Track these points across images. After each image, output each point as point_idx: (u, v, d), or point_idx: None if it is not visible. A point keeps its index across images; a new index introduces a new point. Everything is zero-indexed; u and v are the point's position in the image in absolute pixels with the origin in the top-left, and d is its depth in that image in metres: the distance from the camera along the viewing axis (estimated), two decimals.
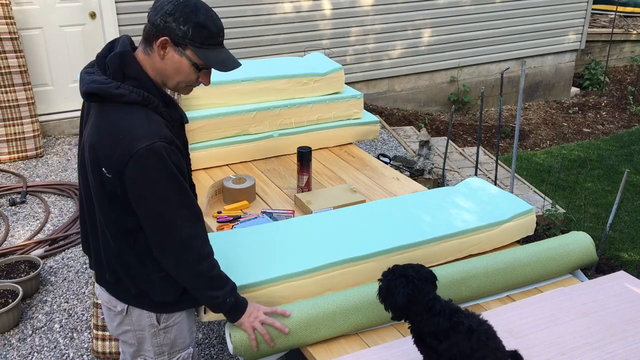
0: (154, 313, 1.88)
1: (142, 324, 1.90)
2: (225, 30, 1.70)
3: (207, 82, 1.78)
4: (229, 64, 1.75)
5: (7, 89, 4.72)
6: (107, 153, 1.64)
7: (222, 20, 6.11)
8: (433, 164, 5.08)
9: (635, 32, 9.10)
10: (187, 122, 1.84)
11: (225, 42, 5.01)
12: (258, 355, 1.97)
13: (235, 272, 2.14)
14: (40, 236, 3.88)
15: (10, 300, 3.12)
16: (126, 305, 1.88)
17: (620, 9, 9.44)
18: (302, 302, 2.09)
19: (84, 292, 3.43)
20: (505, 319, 2.11)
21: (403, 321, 1.80)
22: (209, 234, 2.34)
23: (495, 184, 4.71)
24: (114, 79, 1.67)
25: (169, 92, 3.07)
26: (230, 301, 1.84)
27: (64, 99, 5.35)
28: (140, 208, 1.69)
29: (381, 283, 1.81)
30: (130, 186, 1.65)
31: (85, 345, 3.05)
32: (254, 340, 1.91)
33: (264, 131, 3.38)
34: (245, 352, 1.94)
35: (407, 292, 1.74)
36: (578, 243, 2.48)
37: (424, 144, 4.95)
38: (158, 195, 1.66)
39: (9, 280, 3.27)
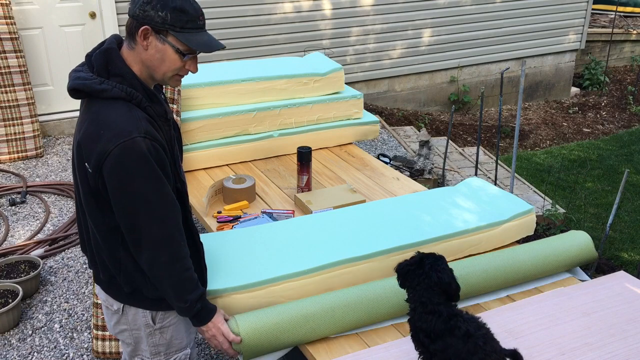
0: (149, 312, 1.88)
1: (138, 324, 1.90)
2: (225, 30, 1.69)
3: (195, 69, 1.77)
4: (212, 45, 1.73)
5: (7, 89, 4.72)
6: (89, 148, 1.65)
7: (222, 20, 6.06)
8: (433, 164, 5.08)
9: (635, 32, 9.10)
10: (170, 117, 1.81)
11: (225, 42, 5.03)
12: (257, 353, 1.97)
13: (236, 272, 2.14)
14: (40, 236, 3.88)
15: (10, 300, 3.12)
16: (122, 304, 1.88)
17: (620, 9, 9.44)
18: (301, 300, 2.10)
19: (84, 292, 3.43)
20: (505, 319, 2.11)
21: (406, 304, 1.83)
22: (210, 234, 2.36)
23: (495, 184, 4.71)
24: (99, 75, 1.69)
25: (170, 89, 3.07)
26: (197, 307, 1.82)
27: (64, 99, 5.35)
28: (116, 205, 1.68)
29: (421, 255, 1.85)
30: (108, 182, 1.65)
31: (85, 345, 3.05)
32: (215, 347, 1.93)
33: (264, 131, 3.38)
34: (244, 350, 1.94)
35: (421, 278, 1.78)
36: (575, 239, 2.49)
37: (424, 144, 4.95)
38: (133, 193, 1.65)
39: (9, 280, 3.26)
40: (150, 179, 1.66)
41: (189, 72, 1.78)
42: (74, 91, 1.69)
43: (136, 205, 1.67)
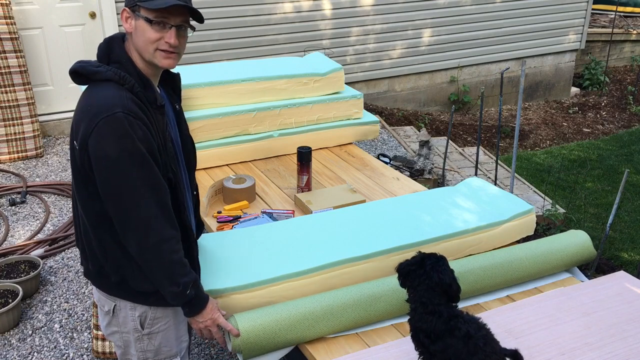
0: (138, 317, 1.88)
1: (128, 327, 1.91)
2: (225, 30, 1.70)
3: (173, 40, 1.74)
4: (169, 1, 1.73)
5: (7, 89, 4.72)
6: (77, 126, 1.70)
7: (222, 20, 6.06)
8: (433, 164, 5.08)
9: (635, 32, 9.10)
10: (160, 103, 1.80)
11: (225, 42, 5.03)
12: (256, 352, 1.98)
13: (236, 272, 2.14)
14: (40, 236, 3.88)
15: (10, 300, 3.12)
16: (113, 305, 1.89)
17: (620, 9, 9.44)
18: (300, 299, 2.10)
19: (84, 292, 3.43)
20: (505, 319, 2.11)
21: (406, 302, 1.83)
22: (210, 234, 2.36)
23: (495, 184, 4.71)
24: (100, 61, 1.77)
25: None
26: (191, 293, 1.79)
27: (64, 98, 5.35)
28: (101, 183, 1.69)
29: (423, 255, 1.84)
30: (93, 159, 1.67)
31: (85, 345, 3.05)
32: (203, 336, 1.92)
33: (264, 131, 3.38)
34: (244, 349, 1.94)
35: (424, 278, 1.77)
36: (574, 238, 2.49)
37: (424, 144, 4.95)
38: (117, 169, 1.66)
39: (9, 280, 3.27)
40: (133, 154, 1.66)
41: (170, 46, 1.75)
42: (74, 74, 1.76)
43: (120, 185, 1.68)
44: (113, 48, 1.77)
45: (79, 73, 1.74)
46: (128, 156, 1.66)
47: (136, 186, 1.68)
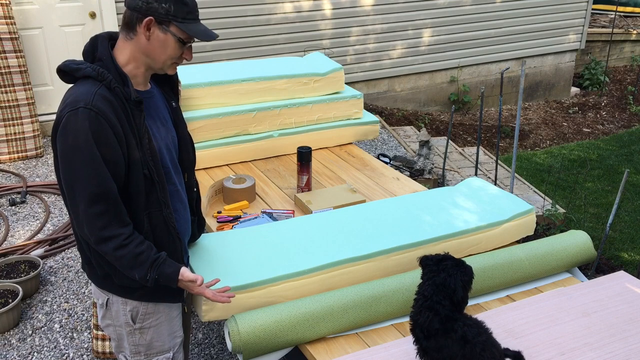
0: (129, 311, 1.90)
1: (120, 321, 1.93)
2: (225, 30, 1.73)
3: (191, 56, 1.85)
4: (210, 33, 1.83)
5: (7, 89, 4.72)
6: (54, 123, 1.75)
7: (222, 20, 6.05)
8: (433, 164, 5.08)
9: (635, 32, 9.10)
10: (136, 99, 1.78)
11: (225, 42, 5.08)
12: (257, 353, 1.98)
13: (236, 272, 2.14)
14: (40, 236, 3.88)
15: (10, 300, 3.12)
16: (106, 298, 1.91)
17: (620, 9, 9.44)
18: (300, 299, 2.09)
19: (84, 292, 3.43)
20: (505, 319, 2.11)
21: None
22: (210, 234, 2.36)
23: (495, 184, 4.71)
24: (85, 59, 1.80)
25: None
26: (152, 277, 1.78)
27: None
28: (61, 176, 1.73)
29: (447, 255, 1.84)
30: (58, 153, 1.72)
31: (85, 345, 3.05)
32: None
33: (264, 131, 3.38)
34: (244, 349, 1.94)
35: (440, 280, 1.77)
36: (575, 239, 2.49)
37: (424, 144, 4.94)
38: (69, 165, 1.69)
39: (9, 280, 3.27)
40: (85, 151, 1.67)
41: (184, 60, 1.86)
42: (60, 72, 1.79)
43: (67, 177, 1.71)
44: (97, 46, 1.80)
45: (64, 71, 1.78)
46: (79, 152, 1.67)
47: (80, 183, 1.69)
